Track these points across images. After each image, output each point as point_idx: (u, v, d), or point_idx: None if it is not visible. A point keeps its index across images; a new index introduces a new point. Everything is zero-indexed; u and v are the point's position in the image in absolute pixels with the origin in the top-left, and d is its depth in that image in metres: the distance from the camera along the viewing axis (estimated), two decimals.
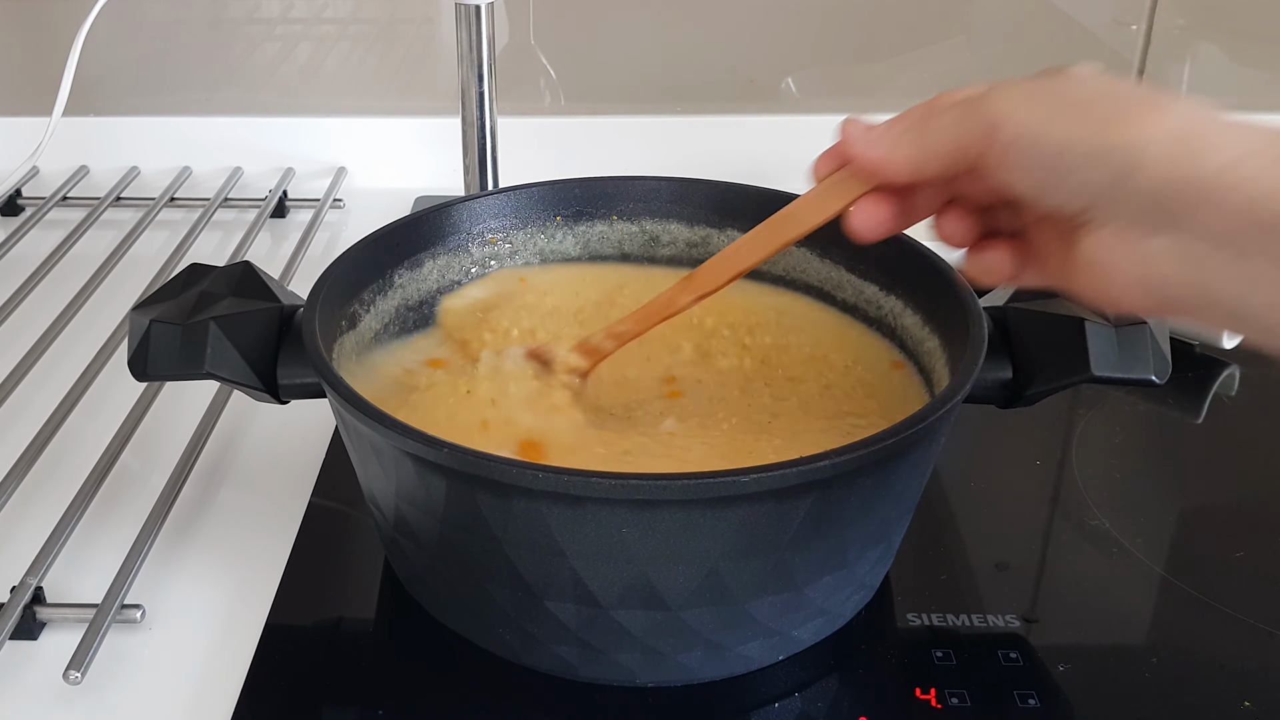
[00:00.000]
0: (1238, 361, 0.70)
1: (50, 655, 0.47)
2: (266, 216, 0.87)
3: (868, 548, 0.45)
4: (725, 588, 0.41)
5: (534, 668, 0.46)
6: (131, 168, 0.95)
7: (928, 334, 0.52)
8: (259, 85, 0.96)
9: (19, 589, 0.48)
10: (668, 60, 0.96)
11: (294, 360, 0.47)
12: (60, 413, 0.60)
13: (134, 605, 0.49)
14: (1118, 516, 0.56)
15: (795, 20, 0.95)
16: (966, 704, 0.44)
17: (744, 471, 0.37)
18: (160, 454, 0.59)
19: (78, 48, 0.83)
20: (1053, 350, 0.47)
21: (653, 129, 0.96)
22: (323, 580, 0.52)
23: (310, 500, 0.56)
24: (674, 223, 0.61)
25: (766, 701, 0.45)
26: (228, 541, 0.54)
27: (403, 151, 0.96)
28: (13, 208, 0.90)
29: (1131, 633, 0.49)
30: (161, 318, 0.47)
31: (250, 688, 0.45)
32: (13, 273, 0.76)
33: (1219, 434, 0.65)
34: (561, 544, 0.40)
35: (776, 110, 0.97)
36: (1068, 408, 0.65)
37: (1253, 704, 0.45)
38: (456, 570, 0.45)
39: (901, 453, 0.42)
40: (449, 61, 0.79)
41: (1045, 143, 0.34)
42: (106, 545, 0.53)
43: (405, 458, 0.41)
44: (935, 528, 0.54)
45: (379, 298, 0.55)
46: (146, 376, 0.47)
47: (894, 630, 0.48)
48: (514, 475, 0.39)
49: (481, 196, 0.59)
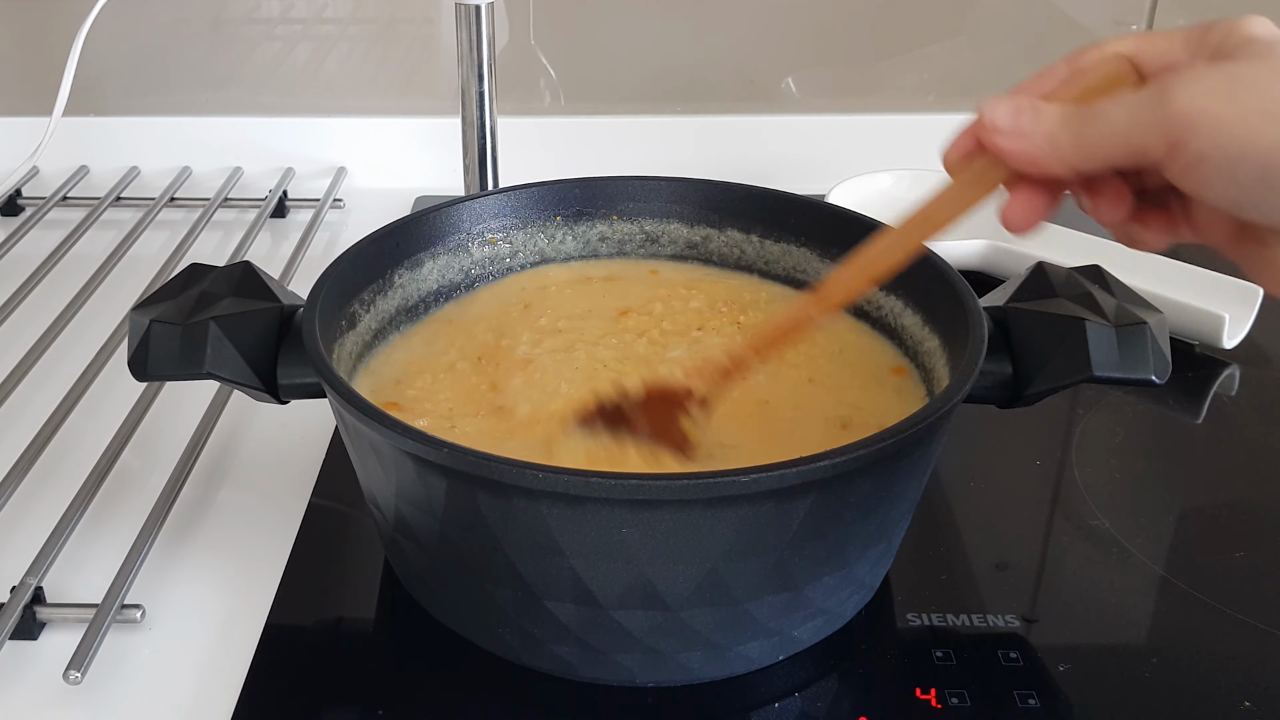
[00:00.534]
0: (1238, 361, 0.70)
1: (50, 655, 0.47)
2: (266, 216, 0.87)
3: (868, 548, 0.45)
4: (725, 588, 0.41)
5: (534, 668, 0.46)
6: (131, 168, 0.95)
7: (928, 334, 0.52)
8: (259, 85, 0.96)
9: (19, 589, 0.48)
10: (668, 60, 0.96)
11: (294, 360, 0.47)
12: (60, 413, 0.60)
13: (134, 605, 0.49)
14: (1118, 516, 0.56)
15: (795, 20, 0.95)
16: (966, 704, 0.44)
17: (744, 471, 0.37)
18: (160, 454, 0.59)
19: (78, 48, 0.83)
20: (1053, 350, 0.47)
21: (653, 129, 0.96)
22: (323, 580, 0.52)
23: (310, 500, 0.56)
24: (674, 223, 0.61)
25: (766, 701, 0.45)
26: (228, 541, 0.54)
27: (403, 151, 0.96)
28: (13, 208, 0.90)
29: (1131, 633, 0.49)
30: (161, 318, 0.47)
31: (250, 688, 0.45)
32: (13, 273, 0.76)
33: (1219, 434, 0.65)
34: (561, 544, 0.40)
35: (776, 110, 0.97)
36: (1068, 408, 0.65)
37: (1253, 704, 0.45)
38: (456, 570, 0.45)
39: (901, 453, 0.42)
40: (449, 61, 0.79)
41: (1249, 159, 0.29)
42: (106, 545, 0.53)
43: (405, 458, 0.41)
44: (935, 528, 0.54)
45: (379, 298, 0.55)
46: (146, 376, 0.47)
47: (894, 630, 0.48)
48: (514, 475, 0.39)
49: (481, 196, 0.59)
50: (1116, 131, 0.32)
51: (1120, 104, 0.32)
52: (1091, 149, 0.33)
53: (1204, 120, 0.30)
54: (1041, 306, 0.48)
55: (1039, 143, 0.34)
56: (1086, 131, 0.33)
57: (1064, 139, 0.33)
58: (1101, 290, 0.48)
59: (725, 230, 0.60)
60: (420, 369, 0.53)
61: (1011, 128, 0.34)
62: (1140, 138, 0.31)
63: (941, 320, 0.51)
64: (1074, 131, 0.33)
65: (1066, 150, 0.33)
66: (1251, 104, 0.29)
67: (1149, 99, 0.31)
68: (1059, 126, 0.33)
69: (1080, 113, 0.33)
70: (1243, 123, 0.29)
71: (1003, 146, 0.35)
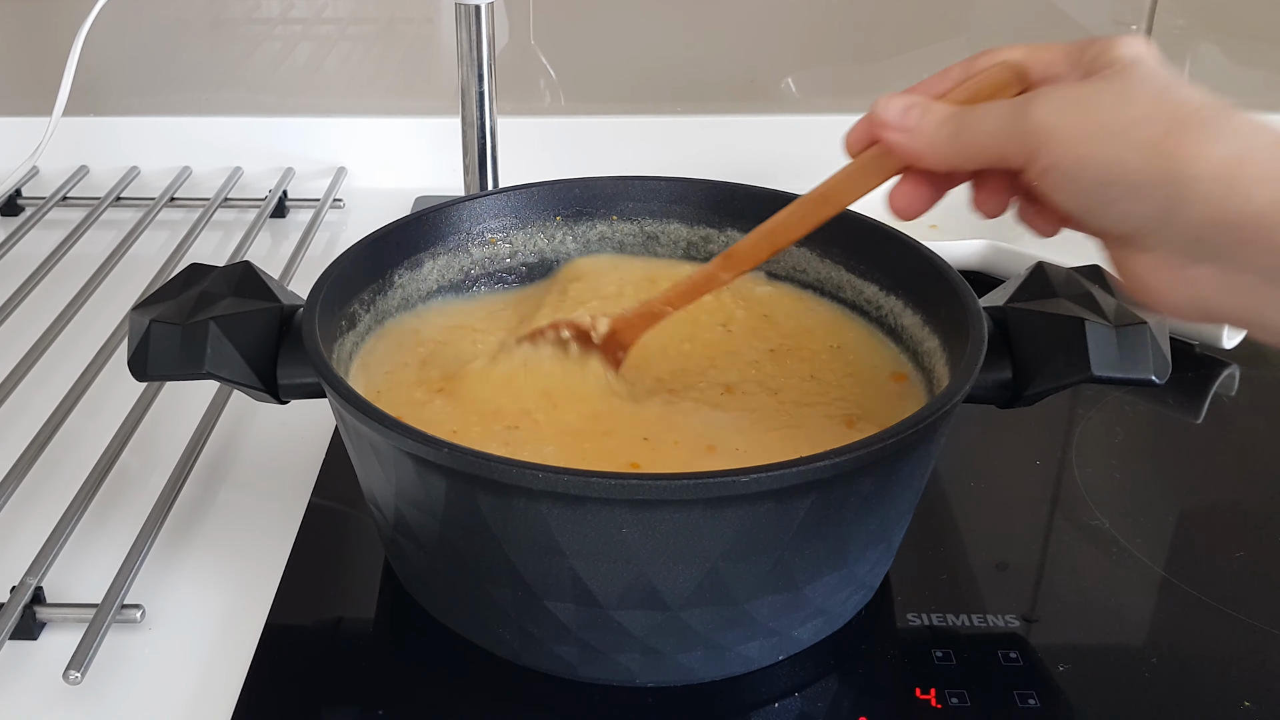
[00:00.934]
0: (1238, 361, 0.70)
1: (50, 655, 0.47)
2: (266, 216, 0.87)
3: (868, 548, 0.45)
4: (725, 588, 0.41)
5: (534, 668, 0.46)
6: (131, 168, 0.95)
7: (928, 334, 0.52)
8: (259, 85, 0.96)
9: (19, 589, 0.48)
10: (668, 60, 0.96)
11: (294, 360, 0.47)
12: (60, 413, 0.60)
13: (134, 605, 0.49)
14: (1118, 516, 0.56)
15: (795, 20, 0.95)
16: (966, 704, 0.44)
17: (744, 471, 0.37)
18: (160, 454, 0.59)
19: (78, 48, 0.83)
20: (1053, 350, 0.47)
21: (653, 129, 0.96)
22: (323, 580, 0.52)
23: (310, 500, 0.56)
24: (674, 223, 0.61)
25: (766, 701, 0.45)
26: (228, 541, 0.54)
27: (403, 151, 0.96)
28: (13, 208, 0.90)
29: (1131, 633, 0.49)
30: (161, 318, 0.47)
31: (250, 688, 0.45)
32: (13, 273, 0.76)
33: (1219, 434, 0.65)
34: (561, 544, 0.40)
35: (776, 110, 0.97)
36: (1068, 408, 0.65)
37: (1253, 704, 0.45)
38: (456, 570, 0.45)
39: (901, 453, 0.42)
40: (449, 61, 0.79)
41: (1089, 171, 0.33)
42: (106, 545, 0.53)
43: (405, 458, 0.41)
44: (935, 528, 0.54)
45: (379, 298, 0.55)
46: (146, 376, 0.47)
47: (894, 630, 0.48)
48: (514, 475, 0.39)
49: (481, 196, 0.59)
50: (985, 136, 0.35)
51: (991, 111, 0.35)
52: (964, 149, 0.36)
53: (1054, 135, 0.33)
54: (1041, 306, 0.48)
55: (921, 139, 0.37)
56: (962, 133, 0.36)
57: (942, 138, 0.36)
58: (1101, 290, 0.48)
59: (725, 230, 0.60)
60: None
61: (899, 124, 0.37)
62: (1004, 144, 0.35)
63: (941, 320, 0.51)
64: (951, 132, 0.36)
65: (944, 148, 0.36)
66: (1096, 122, 0.33)
67: (1013, 110, 0.34)
68: (939, 126, 0.36)
69: (960, 114, 0.36)
70: (1085, 139, 0.33)
71: (890, 140, 0.38)
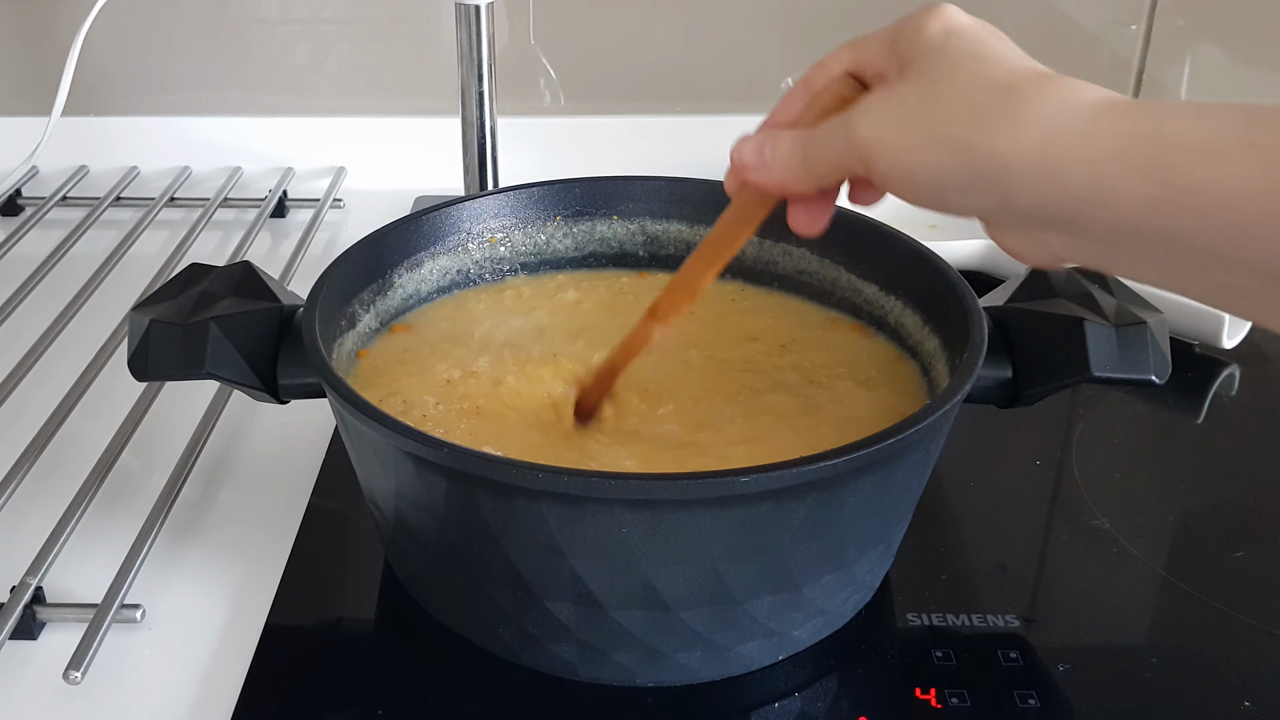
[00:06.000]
0: (1238, 361, 0.70)
1: (50, 655, 0.47)
2: (266, 216, 0.87)
3: (868, 548, 0.45)
4: (725, 588, 0.41)
5: (533, 667, 0.46)
6: (131, 168, 0.95)
7: (928, 334, 0.52)
8: (259, 85, 0.96)
9: (19, 589, 0.48)
10: (668, 60, 0.96)
11: (294, 360, 0.47)
12: (60, 413, 0.60)
13: (134, 605, 0.49)
14: (1118, 516, 0.56)
15: (795, 20, 0.95)
16: (966, 704, 0.44)
17: (744, 471, 0.37)
18: (160, 454, 0.59)
19: (77, 48, 0.83)
20: (1053, 350, 0.47)
21: (653, 129, 0.96)
22: (323, 580, 0.52)
23: (310, 500, 0.56)
24: (674, 223, 0.61)
25: (766, 701, 0.45)
26: (228, 541, 0.54)
27: (403, 151, 0.96)
28: (13, 208, 0.90)
29: (1131, 633, 0.49)
30: (161, 318, 0.47)
31: (250, 688, 0.45)
32: (13, 273, 0.76)
33: (1219, 434, 0.65)
34: (561, 544, 0.40)
35: None
36: (1068, 408, 0.65)
37: (1253, 704, 0.45)
38: (456, 570, 0.45)
39: (901, 453, 0.42)
40: (449, 61, 0.79)
41: (920, 175, 0.34)
42: (106, 545, 0.53)
43: (405, 458, 0.41)
44: (935, 528, 0.54)
45: (379, 298, 0.55)
46: (146, 376, 0.47)
47: (894, 630, 0.48)
48: (514, 475, 0.39)
49: (481, 196, 0.59)
50: (827, 156, 0.36)
51: (827, 132, 0.36)
52: (815, 172, 0.37)
53: (879, 147, 0.34)
54: (1041, 306, 0.48)
55: (779, 172, 0.38)
56: (809, 159, 0.37)
57: (795, 166, 0.37)
58: (1101, 290, 0.48)
59: None
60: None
61: (757, 163, 0.38)
62: (845, 161, 0.35)
63: (941, 320, 0.51)
64: (800, 160, 0.37)
65: (800, 175, 0.37)
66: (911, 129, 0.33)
67: (839, 129, 0.35)
68: (790, 157, 0.37)
69: (803, 140, 0.37)
70: (907, 148, 0.33)
71: (755, 180, 0.39)
